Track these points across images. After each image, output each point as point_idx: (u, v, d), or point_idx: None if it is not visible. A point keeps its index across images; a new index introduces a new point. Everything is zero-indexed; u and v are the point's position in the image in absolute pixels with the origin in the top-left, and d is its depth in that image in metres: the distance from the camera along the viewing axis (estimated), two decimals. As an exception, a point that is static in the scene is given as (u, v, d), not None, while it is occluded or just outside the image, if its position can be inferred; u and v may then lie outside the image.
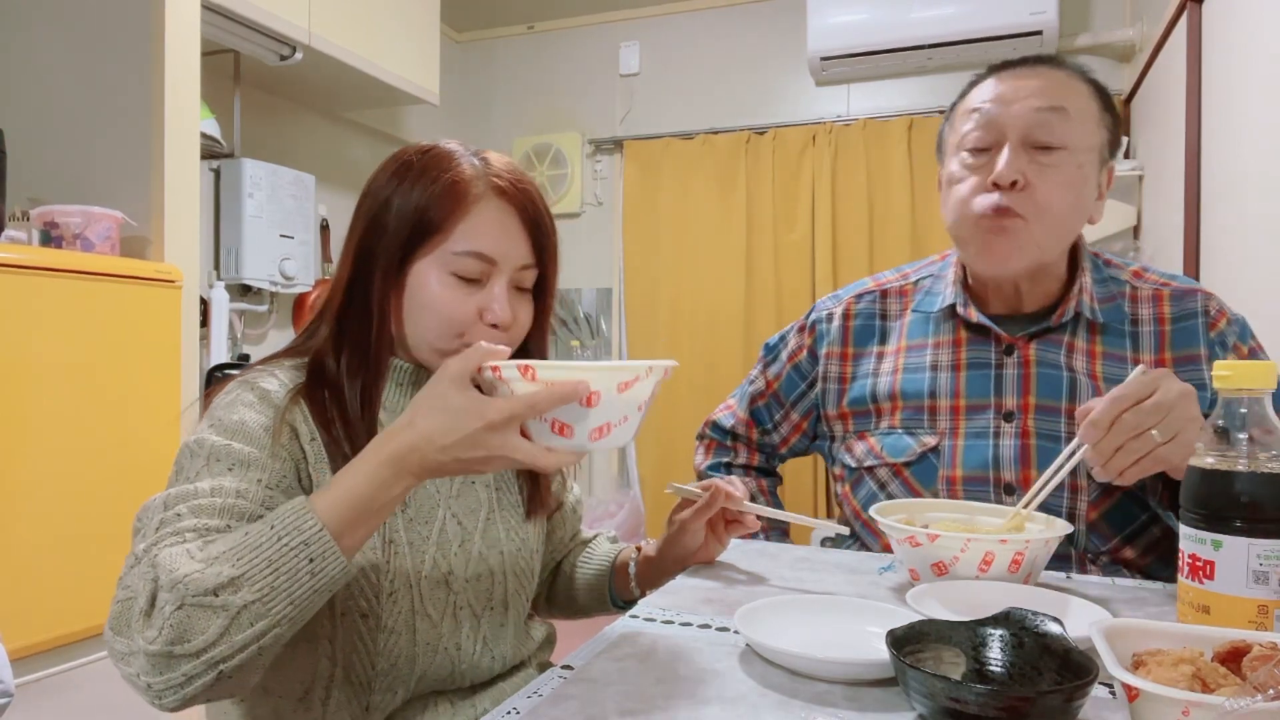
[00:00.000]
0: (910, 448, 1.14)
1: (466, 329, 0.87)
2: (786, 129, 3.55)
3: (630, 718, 0.63)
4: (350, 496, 0.69)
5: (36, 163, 2.05)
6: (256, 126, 2.90)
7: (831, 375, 1.25)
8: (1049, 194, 1.06)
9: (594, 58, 3.93)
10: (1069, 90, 1.09)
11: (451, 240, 0.86)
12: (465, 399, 0.69)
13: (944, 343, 1.17)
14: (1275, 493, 0.66)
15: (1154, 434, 0.84)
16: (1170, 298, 1.13)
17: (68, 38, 2.06)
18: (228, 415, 0.81)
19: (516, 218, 0.89)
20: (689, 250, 3.68)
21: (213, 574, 0.65)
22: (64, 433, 1.67)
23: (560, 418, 0.70)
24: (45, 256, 1.68)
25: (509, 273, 0.88)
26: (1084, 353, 1.11)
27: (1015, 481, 1.08)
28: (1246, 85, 1.83)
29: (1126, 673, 0.54)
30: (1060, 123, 1.07)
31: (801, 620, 0.79)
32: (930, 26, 3.15)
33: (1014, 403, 1.11)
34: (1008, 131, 1.08)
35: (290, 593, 0.67)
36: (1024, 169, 1.06)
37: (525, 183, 0.91)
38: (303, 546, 0.67)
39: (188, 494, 0.74)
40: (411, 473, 0.70)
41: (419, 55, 3.10)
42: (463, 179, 0.87)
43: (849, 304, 1.27)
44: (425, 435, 0.69)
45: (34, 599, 1.61)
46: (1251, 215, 1.78)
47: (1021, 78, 1.10)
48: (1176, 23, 2.32)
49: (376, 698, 0.84)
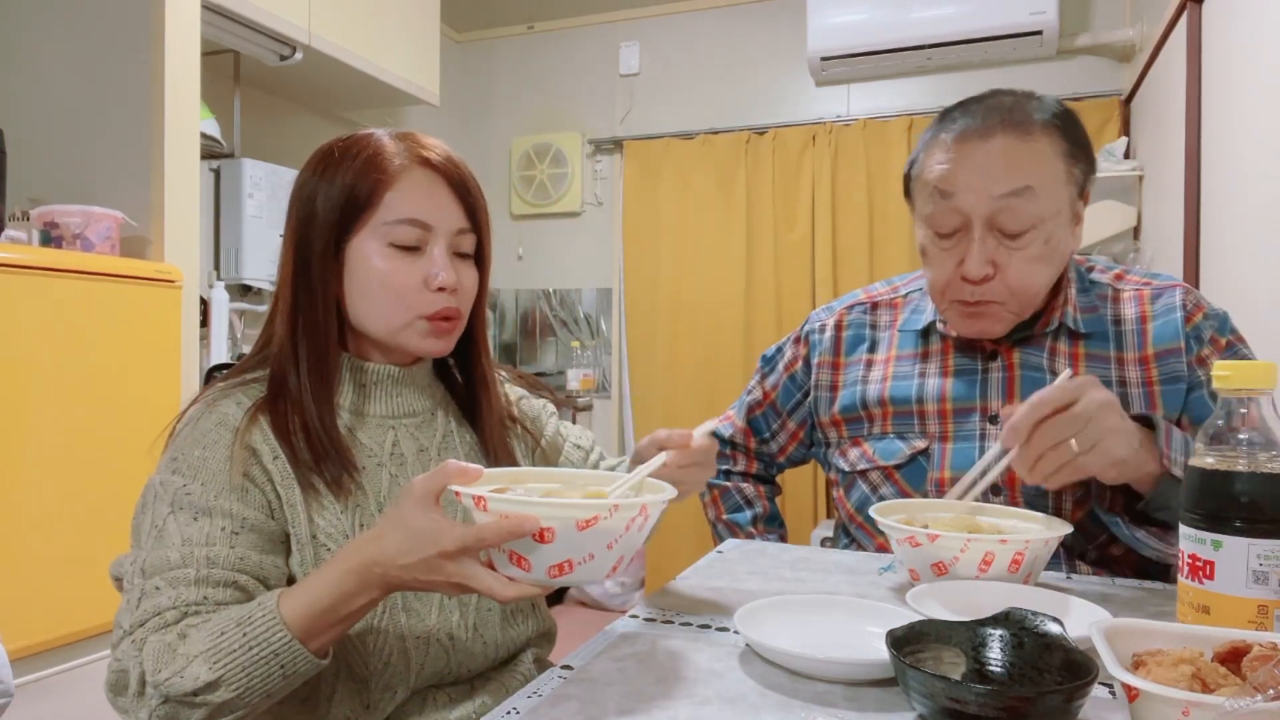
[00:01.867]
0: (901, 450, 1.16)
1: (413, 297, 0.88)
2: (786, 129, 3.55)
3: (630, 718, 0.63)
4: (318, 605, 0.72)
5: (36, 163, 2.05)
6: (256, 126, 2.90)
7: (823, 384, 1.27)
8: (1020, 276, 1.05)
9: (594, 58, 3.93)
10: (1032, 158, 1.03)
11: (382, 211, 0.87)
12: (426, 521, 0.69)
13: (932, 353, 1.19)
14: (1275, 493, 0.66)
15: (1072, 444, 0.85)
16: (1150, 296, 1.14)
17: (68, 38, 2.06)
18: (188, 451, 0.82)
19: (444, 184, 0.90)
20: (689, 250, 3.68)
21: (190, 677, 0.70)
22: (64, 433, 1.67)
23: (517, 550, 0.68)
24: (45, 256, 1.68)
25: (446, 237, 0.90)
26: (1066, 356, 1.12)
27: (1001, 483, 1.10)
28: (1246, 85, 1.83)
29: (1126, 673, 0.54)
30: (1026, 205, 1.02)
31: (801, 620, 0.79)
32: (930, 26, 3.15)
33: (999, 405, 1.12)
34: (972, 219, 1.04)
35: (265, 689, 0.72)
36: (993, 256, 1.04)
37: (448, 152, 0.92)
38: (273, 656, 0.71)
39: (162, 564, 0.77)
40: (376, 586, 0.72)
41: (419, 55, 3.10)
42: (384, 153, 0.89)
43: (840, 315, 1.30)
44: (388, 553, 0.70)
45: (34, 599, 1.61)
46: (1251, 215, 1.78)
47: (980, 150, 1.04)
48: (1176, 23, 2.32)
49: (375, 696, 0.84)
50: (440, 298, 0.89)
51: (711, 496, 1.38)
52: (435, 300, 0.89)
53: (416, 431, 0.95)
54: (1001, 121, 1.04)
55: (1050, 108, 1.07)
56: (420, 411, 0.97)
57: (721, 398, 3.51)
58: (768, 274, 3.55)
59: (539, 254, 4.06)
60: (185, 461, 0.82)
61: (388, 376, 0.94)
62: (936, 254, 1.10)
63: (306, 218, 0.89)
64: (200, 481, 0.80)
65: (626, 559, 0.72)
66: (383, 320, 0.90)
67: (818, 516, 3.43)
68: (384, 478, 0.90)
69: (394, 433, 0.94)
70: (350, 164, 0.88)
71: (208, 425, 0.84)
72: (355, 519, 0.86)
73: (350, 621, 0.74)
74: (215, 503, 0.80)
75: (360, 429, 0.92)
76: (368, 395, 0.93)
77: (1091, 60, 3.22)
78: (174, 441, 0.85)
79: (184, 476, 0.81)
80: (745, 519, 1.35)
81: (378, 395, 0.94)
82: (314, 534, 0.84)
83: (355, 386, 0.93)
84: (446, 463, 0.71)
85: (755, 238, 3.58)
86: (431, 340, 0.91)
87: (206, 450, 0.82)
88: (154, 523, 0.79)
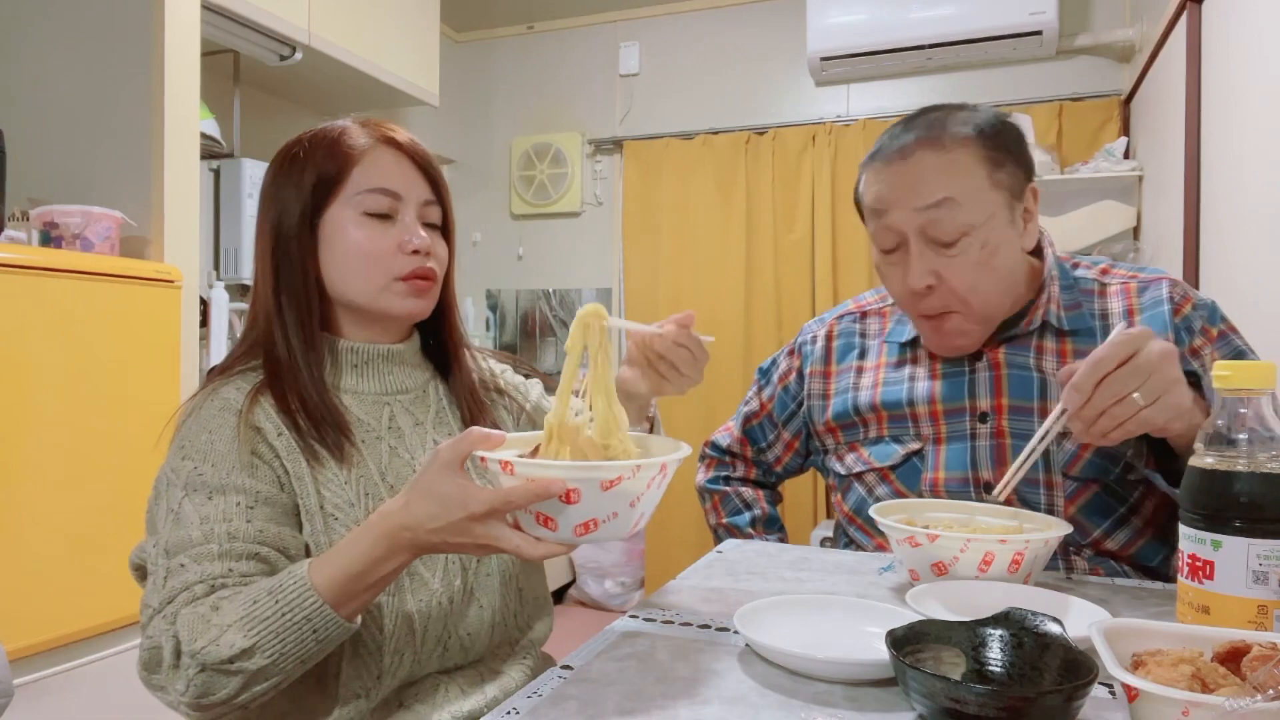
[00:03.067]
0: (895, 452, 1.18)
1: (388, 261, 0.92)
2: (786, 129, 3.55)
3: (630, 718, 0.63)
4: (348, 571, 0.74)
5: (36, 163, 2.05)
6: (256, 126, 2.90)
7: (815, 392, 1.29)
8: (964, 281, 1.07)
9: (594, 58, 3.93)
10: (949, 171, 1.06)
11: (351, 185, 0.92)
12: (453, 486, 0.71)
13: (920, 357, 1.21)
14: (1275, 493, 0.66)
15: (1136, 397, 0.84)
16: (1137, 289, 1.14)
17: (68, 38, 2.06)
18: (195, 436, 0.85)
19: (408, 160, 0.95)
20: (689, 250, 3.68)
21: (226, 644, 0.72)
22: (64, 433, 1.67)
23: (544, 511, 0.70)
24: (45, 256, 1.68)
25: (415, 207, 0.94)
26: (1053, 353, 1.13)
27: (993, 480, 1.11)
28: (1246, 85, 1.83)
29: (1126, 673, 0.54)
30: (950, 214, 1.05)
31: (801, 620, 0.79)
32: (930, 26, 3.15)
33: (988, 404, 1.13)
34: (905, 233, 1.09)
35: (299, 655, 0.74)
36: (932, 267, 1.08)
37: (409, 135, 0.97)
38: (305, 621, 0.73)
39: (184, 542, 0.79)
40: (405, 550, 0.74)
41: (419, 55, 3.10)
42: (350, 134, 0.93)
43: (831, 325, 1.33)
44: (416, 518, 0.72)
45: (34, 599, 1.61)
46: (1251, 215, 1.78)
47: (901, 169, 1.08)
48: (1176, 23, 2.32)
49: (387, 660, 0.85)
50: (415, 259, 0.93)
51: (712, 502, 1.40)
52: (410, 261, 0.92)
53: (411, 406, 0.99)
54: (918, 140, 1.09)
55: (973, 120, 1.09)
56: (413, 388, 1.00)
57: (721, 397, 3.52)
58: (767, 274, 3.55)
59: (539, 254, 4.06)
60: (193, 446, 0.84)
61: (379, 355, 0.97)
62: (887, 270, 1.15)
63: (281, 202, 0.92)
64: (210, 462, 0.82)
65: (647, 515, 0.75)
66: (361, 286, 0.92)
67: (817, 517, 3.43)
68: (383, 450, 0.93)
69: (389, 409, 0.97)
70: (319, 147, 0.93)
71: (211, 410, 0.86)
72: (360, 489, 0.89)
73: (380, 586, 0.76)
74: (228, 480, 0.82)
75: (357, 406, 0.94)
76: (361, 375, 0.96)
77: (1091, 60, 3.22)
78: (179, 430, 0.87)
79: (193, 460, 0.83)
80: (744, 521, 1.36)
81: (370, 374, 0.97)
82: (322, 505, 0.86)
83: (349, 367, 0.96)
84: (471, 429, 0.73)
85: (755, 238, 3.58)
86: (412, 300, 0.94)
87: (213, 433, 0.84)
88: (170, 507, 0.81)
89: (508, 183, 4.08)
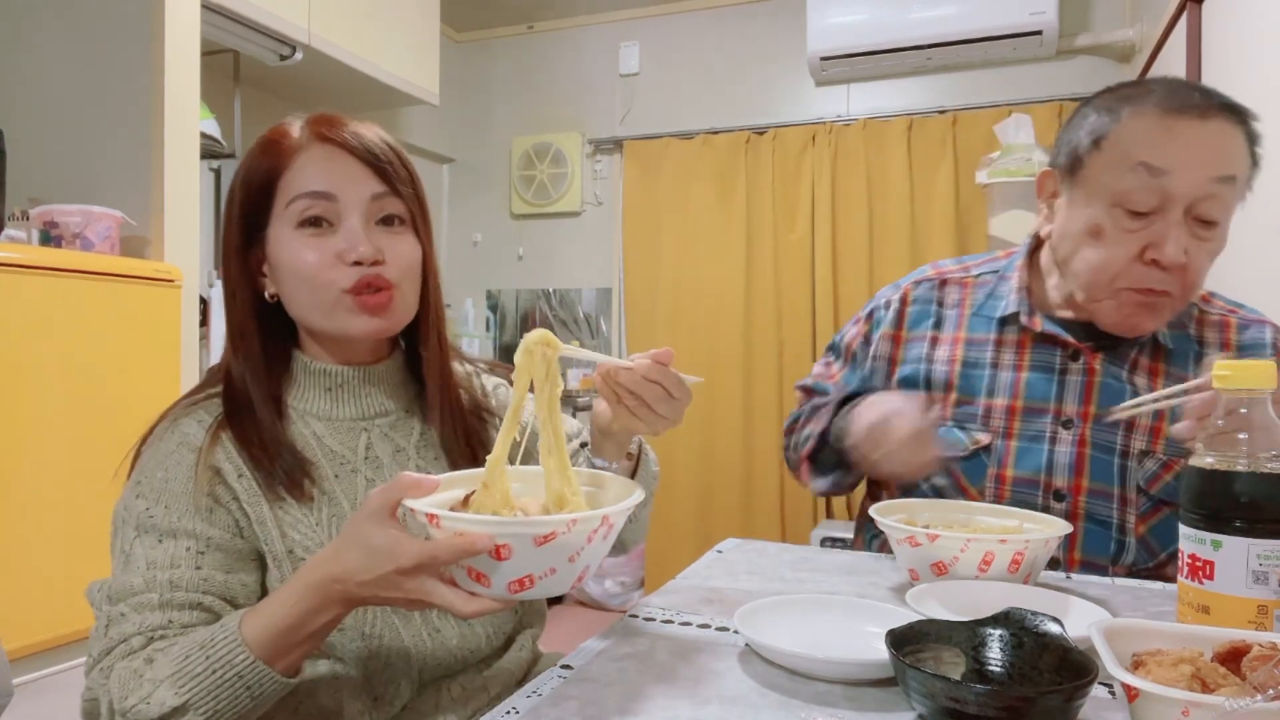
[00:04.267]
0: (962, 443, 1.11)
1: (330, 275, 0.83)
2: (786, 129, 3.55)
3: (630, 718, 0.63)
4: (280, 625, 0.71)
5: (36, 163, 2.05)
6: (256, 126, 2.88)
7: (881, 355, 1.21)
8: (1200, 269, 1.01)
9: (594, 58, 3.93)
10: (1238, 148, 0.99)
11: (282, 193, 0.84)
12: (383, 537, 0.67)
13: (1008, 342, 1.14)
14: (1275, 493, 0.66)
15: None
16: (1238, 326, 1.11)
17: (68, 38, 2.06)
18: (151, 474, 0.82)
19: (348, 156, 0.85)
20: (689, 250, 3.68)
21: (157, 703, 0.69)
22: (64, 432, 1.67)
23: (475, 566, 0.66)
24: (45, 256, 1.68)
25: (360, 206, 0.84)
26: (1147, 370, 1.09)
27: (1066, 489, 1.07)
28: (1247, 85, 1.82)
29: (1126, 673, 0.54)
30: (1227, 194, 0.99)
31: (801, 620, 0.79)
32: (930, 26, 3.15)
33: (1074, 410, 1.09)
34: (1178, 201, 0.98)
35: (234, 711, 0.71)
36: (1185, 244, 0.98)
37: (352, 124, 0.87)
38: (237, 678, 0.70)
39: (126, 590, 0.77)
40: (337, 602, 0.70)
41: (419, 55, 3.10)
42: (278, 137, 0.85)
43: (907, 290, 1.24)
44: (347, 569, 0.68)
45: (34, 599, 1.61)
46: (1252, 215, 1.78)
47: (1199, 130, 0.98)
48: (1176, 23, 2.32)
49: (380, 689, 0.84)
50: (358, 270, 0.83)
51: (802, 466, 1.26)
52: (353, 273, 0.83)
53: (390, 432, 0.92)
54: (1219, 104, 0.99)
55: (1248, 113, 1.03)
56: (392, 411, 0.93)
57: (721, 397, 3.52)
58: (767, 274, 3.54)
59: (539, 254, 4.06)
60: (149, 485, 0.81)
61: (353, 377, 0.91)
62: (1119, 235, 1.01)
63: (228, 218, 0.88)
64: (163, 504, 0.80)
65: (593, 568, 0.70)
66: (309, 306, 0.85)
67: (817, 516, 3.43)
68: (359, 483, 0.88)
69: (366, 435, 0.91)
70: (254, 152, 0.86)
71: (169, 446, 0.83)
72: (332, 528, 0.84)
73: (316, 639, 0.73)
74: (179, 524, 0.79)
75: (330, 435, 0.89)
76: (335, 399, 0.90)
77: (1091, 60, 3.21)
78: (138, 463, 0.84)
79: (147, 500, 0.80)
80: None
81: (344, 398, 0.91)
82: (290, 549, 0.82)
83: (321, 391, 0.90)
84: (401, 475, 0.70)
85: (755, 238, 3.58)
86: (364, 318, 0.85)
87: (169, 472, 0.81)
88: (122, 547, 0.80)
89: (508, 182, 4.08)
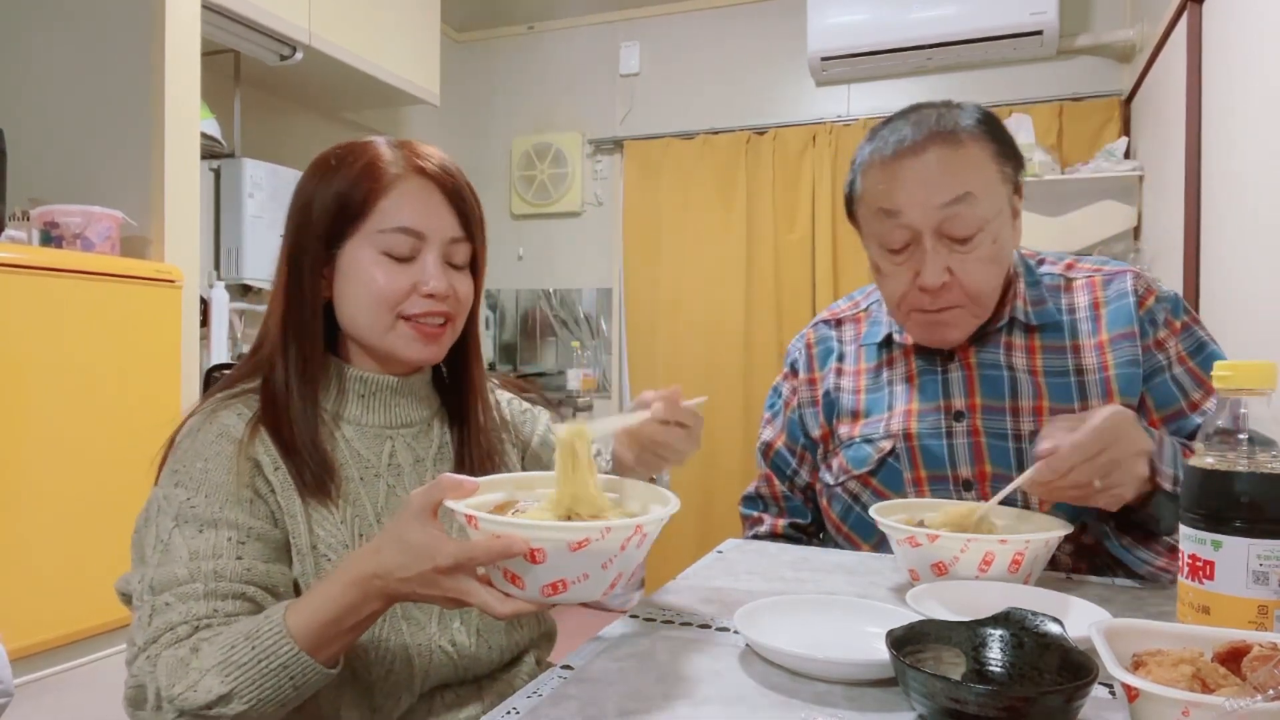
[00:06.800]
0: (869, 456, 1.17)
1: (400, 302, 0.88)
2: (786, 129, 3.55)
3: (630, 718, 0.63)
4: (322, 617, 0.73)
5: (36, 163, 2.05)
6: (256, 126, 2.90)
7: (805, 401, 1.28)
8: (975, 278, 1.07)
9: (594, 58, 3.93)
10: (967, 164, 1.05)
11: (375, 219, 0.88)
12: (423, 536, 0.69)
13: (895, 359, 1.21)
14: (1275, 493, 0.66)
15: (1096, 483, 0.89)
16: (1102, 283, 1.15)
17: (68, 38, 2.06)
18: (189, 464, 0.82)
19: (438, 192, 0.90)
20: (689, 250, 3.68)
21: (204, 690, 0.71)
22: (64, 433, 1.67)
23: (510, 568, 0.69)
24: (45, 256, 1.68)
25: (439, 246, 0.90)
26: (1023, 349, 1.14)
27: (972, 477, 1.12)
28: (1246, 85, 1.83)
29: (1126, 673, 0.54)
30: (970, 209, 1.04)
31: (801, 620, 0.79)
32: (930, 26, 3.15)
33: (962, 403, 1.14)
34: (921, 232, 1.06)
35: (277, 700, 0.73)
36: (946, 263, 1.06)
37: (446, 161, 0.92)
38: (282, 668, 0.72)
39: (170, 580, 0.77)
40: (378, 597, 0.72)
41: (419, 55, 3.10)
42: (380, 161, 0.89)
43: (809, 335, 1.33)
44: (386, 566, 0.70)
45: (34, 599, 1.61)
46: (1252, 215, 1.78)
47: (917, 165, 1.05)
48: (1176, 23, 2.32)
49: (379, 700, 0.84)
50: (427, 302, 0.89)
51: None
52: (423, 304, 0.89)
53: (413, 441, 0.96)
54: (931, 134, 1.06)
55: (973, 114, 1.09)
56: (417, 421, 0.97)
57: (721, 397, 3.51)
58: (768, 274, 3.54)
59: (539, 254, 4.06)
60: (188, 474, 0.82)
61: (386, 386, 0.94)
62: (891, 269, 1.11)
63: (302, 223, 0.90)
64: (204, 494, 0.81)
65: (626, 575, 0.72)
66: (370, 325, 0.90)
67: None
68: (381, 488, 0.91)
69: (391, 443, 0.94)
70: (346, 171, 0.89)
71: (209, 437, 0.84)
72: (354, 529, 0.87)
73: (357, 631, 0.75)
74: (220, 514, 0.80)
75: (358, 439, 0.92)
76: (367, 405, 0.93)
77: (1091, 60, 3.21)
78: (174, 454, 0.85)
79: (187, 489, 0.81)
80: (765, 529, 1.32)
81: (376, 405, 0.94)
82: (314, 544, 0.84)
83: (356, 397, 0.93)
84: (442, 476, 0.72)
85: (755, 238, 3.58)
86: (419, 346, 0.91)
87: (209, 462, 0.82)
88: (159, 537, 0.80)
89: (508, 182, 4.08)
